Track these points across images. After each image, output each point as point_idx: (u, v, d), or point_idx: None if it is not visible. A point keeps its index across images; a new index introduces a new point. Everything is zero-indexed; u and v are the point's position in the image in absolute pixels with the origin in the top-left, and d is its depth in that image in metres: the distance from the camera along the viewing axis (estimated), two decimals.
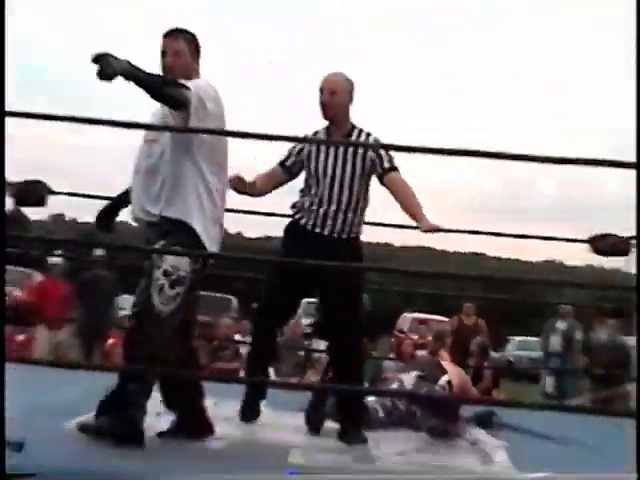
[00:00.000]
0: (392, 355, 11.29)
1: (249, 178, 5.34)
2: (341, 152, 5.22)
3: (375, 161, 5.23)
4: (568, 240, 7.65)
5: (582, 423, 6.16)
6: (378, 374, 8.65)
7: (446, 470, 4.55)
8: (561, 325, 15.07)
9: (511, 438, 5.48)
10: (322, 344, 8.07)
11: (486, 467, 4.68)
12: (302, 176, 5.42)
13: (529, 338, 21.58)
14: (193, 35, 4.69)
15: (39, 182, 6.50)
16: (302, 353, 10.66)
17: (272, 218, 5.96)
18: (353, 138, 5.31)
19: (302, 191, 5.39)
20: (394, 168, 5.26)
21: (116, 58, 3.99)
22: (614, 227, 7.30)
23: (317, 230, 5.23)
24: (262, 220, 5.76)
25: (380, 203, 5.70)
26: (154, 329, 4.36)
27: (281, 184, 5.49)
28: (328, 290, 5.23)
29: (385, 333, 13.66)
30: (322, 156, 5.24)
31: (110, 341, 11.82)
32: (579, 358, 14.43)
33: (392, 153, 5.28)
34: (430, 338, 12.28)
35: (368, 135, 5.33)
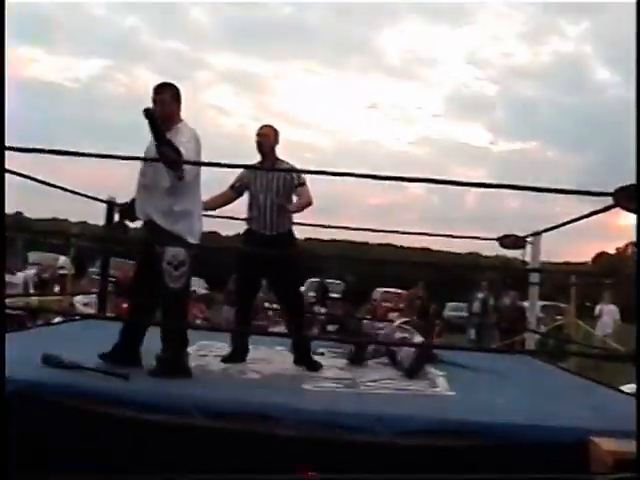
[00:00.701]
0: (369, 316, 11.27)
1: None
2: (270, 177, 5.35)
3: (291, 181, 5.35)
4: (485, 239, 7.72)
5: (493, 359, 6.23)
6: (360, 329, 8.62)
7: (406, 391, 4.57)
8: (480, 295, 15.14)
9: (448, 370, 5.49)
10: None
11: (432, 389, 4.70)
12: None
13: (459, 303, 21.61)
14: (175, 87, 4.66)
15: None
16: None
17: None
18: (279, 167, 5.43)
19: (249, 205, 5.46)
20: (302, 183, 5.39)
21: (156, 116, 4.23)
22: (514, 229, 7.38)
23: (262, 231, 5.34)
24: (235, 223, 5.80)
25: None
26: (174, 301, 4.48)
27: (232, 200, 5.59)
28: (277, 269, 5.29)
29: (364, 302, 13.68)
30: (258, 181, 5.36)
31: None
32: (492, 317, 14.51)
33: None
34: (401, 305, 12.29)
35: (287, 163, 5.45)
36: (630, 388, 5.20)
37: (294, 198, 5.41)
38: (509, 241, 7.30)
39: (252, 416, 3.50)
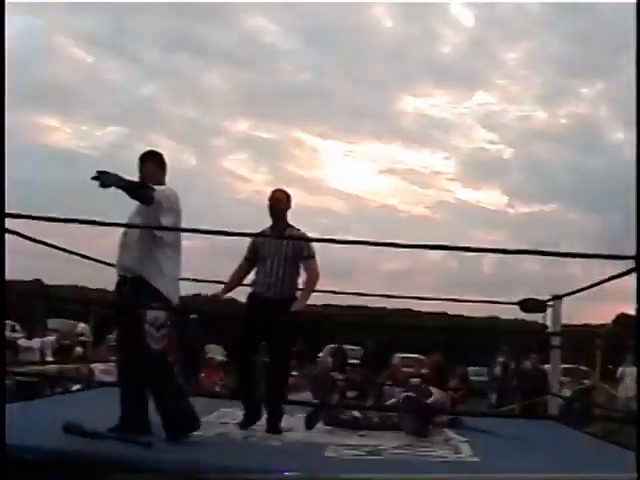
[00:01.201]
0: (389, 382, 11.19)
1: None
2: (279, 242, 5.39)
3: (301, 250, 5.37)
4: (505, 303, 7.69)
5: (516, 424, 6.16)
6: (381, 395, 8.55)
7: (430, 458, 4.52)
8: (501, 359, 15.00)
9: (471, 435, 5.44)
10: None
11: (456, 455, 4.65)
12: None
13: (480, 368, 21.41)
14: (159, 154, 4.81)
15: None
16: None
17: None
18: (288, 233, 5.44)
19: (257, 269, 5.46)
20: (312, 256, 5.41)
21: (110, 174, 4.20)
22: (534, 292, 7.35)
23: (265, 295, 5.33)
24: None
25: None
26: (156, 361, 4.45)
27: (248, 271, 5.58)
28: (274, 333, 5.28)
29: (383, 367, 13.57)
30: (267, 245, 5.39)
31: (201, 375, 11.76)
32: (513, 380, 14.35)
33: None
34: (423, 371, 12.20)
35: (298, 230, 5.46)
36: None
37: (301, 268, 5.44)
38: (530, 305, 7.26)
39: None
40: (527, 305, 7.25)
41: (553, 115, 67.57)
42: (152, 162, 4.75)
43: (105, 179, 4.19)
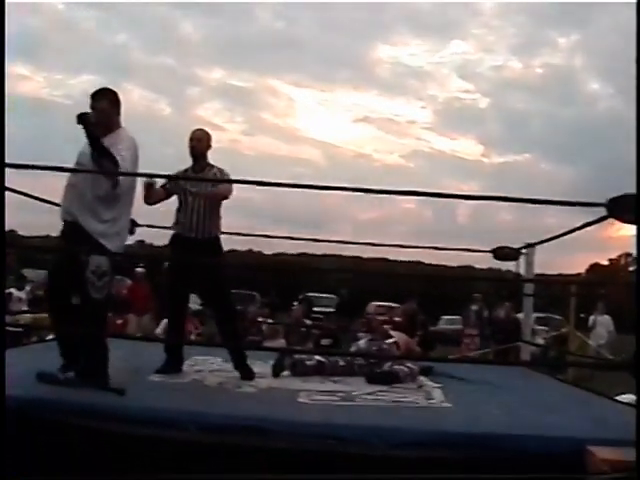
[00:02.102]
0: (364, 329, 11.28)
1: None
2: (199, 183, 5.34)
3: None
4: (478, 251, 7.72)
5: (488, 370, 6.24)
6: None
7: (402, 403, 4.57)
8: (474, 307, 15.15)
9: (443, 382, 5.50)
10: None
11: (428, 401, 4.70)
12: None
13: (453, 316, 21.63)
14: (114, 93, 4.55)
15: (130, 219, 6.56)
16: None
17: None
18: (207, 171, 5.38)
19: (177, 209, 5.42)
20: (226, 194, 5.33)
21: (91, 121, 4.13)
22: (508, 242, 7.39)
23: (188, 235, 5.30)
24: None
25: None
26: (95, 310, 4.33)
27: (162, 199, 5.44)
28: (205, 275, 5.28)
29: (359, 315, 13.67)
30: (188, 184, 5.33)
31: None
32: (486, 328, 14.52)
33: None
34: (396, 318, 12.38)
35: (219, 169, 5.39)
36: (625, 398, 5.21)
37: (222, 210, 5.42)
38: (503, 253, 7.31)
39: (248, 430, 3.51)
40: (500, 253, 7.30)
41: (528, 65, 67.61)
42: (105, 100, 4.46)
43: (86, 121, 4.11)
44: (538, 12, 63.77)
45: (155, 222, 7.16)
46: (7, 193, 4.50)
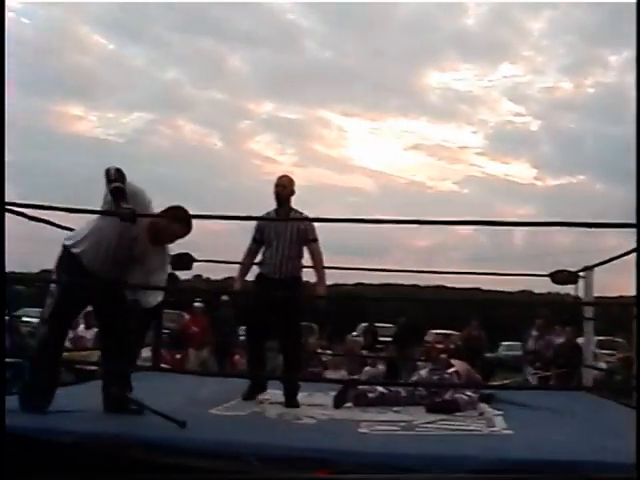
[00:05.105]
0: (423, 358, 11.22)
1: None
2: (284, 225, 5.70)
3: (305, 233, 5.69)
4: (536, 275, 7.66)
5: (549, 396, 6.16)
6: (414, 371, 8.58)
7: (463, 432, 4.54)
8: (534, 332, 14.94)
9: (505, 409, 5.45)
10: None
11: (489, 429, 4.67)
12: None
13: (513, 342, 21.38)
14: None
15: (187, 254, 6.67)
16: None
17: None
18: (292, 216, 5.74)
19: (264, 251, 5.77)
20: (315, 239, 5.73)
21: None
22: (566, 265, 7.32)
23: (271, 276, 5.67)
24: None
25: None
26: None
27: (257, 254, 5.86)
28: (284, 312, 5.59)
29: (417, 343, 13.60)
30: (273, 228, 5.71)
31: (235, 357, 11.84)
32: (547, 354, 14.29)
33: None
34: (452, 345, 12.32)
35: (301, 213, 5.73)
36: None
37: (305, 251, 5.74)
38: (561, 277, 7.22)
39: (310, 461, 3.52)
40: (559, 277, 7.22)
41: (579, 85, 66.81)
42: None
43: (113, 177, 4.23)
44: (588, 30, 63.00)
45: (211, 256, 7.29)
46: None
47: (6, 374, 4.33)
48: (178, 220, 4.42)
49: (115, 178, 4.22)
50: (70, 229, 4.68)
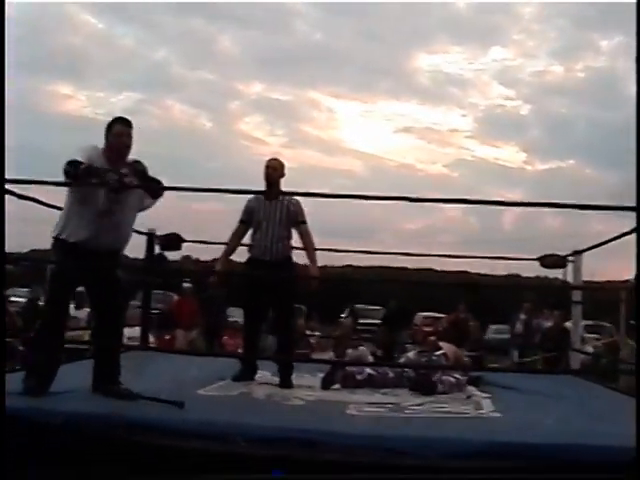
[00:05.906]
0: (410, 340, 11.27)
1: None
2: (273, 207, 5.67)
3: (295, 215, 5.70)
4: (525, 259, 7.66)
5: (537, 379, 6.18)
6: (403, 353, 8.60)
7: (452, 414, 4.55)
8: (522, 316, 14.99)
9: (493, 391, 5.46)
10: None
11: (477, 411, 4.67)
12: None
13: (501, 325, 21.43)
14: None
15: (176, 234, 6.64)
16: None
17: None
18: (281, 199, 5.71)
19: (252, 233, 5.76)
20: (304, 222, 5.74)
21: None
22: (555, 249, 7.31)
23: (262, 258, 5.65)
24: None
25: None
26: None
27: (245, 234, 5.85)
28: (276, 292, 5.57)
29: (406, 327, 13.68)
30: (262, 210, 5.68)
31: (224, 338, 11.84)
32: (535, 337, 14.34)
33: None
34: (440, 328, 12.34)
35: (290, 197, 5.74)
36: None
37: (294, 232, 5.74)
38: (550, 261, 7.21)
39: (297, 442, 3.51)
40: (547, 261, 7.21)
41: (570, 69, 66.82)
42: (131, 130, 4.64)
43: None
44: (579, 15, 63.05)
45: (201, 237, 7.25)
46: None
47: None
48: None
49: (68, 171, 4.31)
50: (59, 208, 4.65)
